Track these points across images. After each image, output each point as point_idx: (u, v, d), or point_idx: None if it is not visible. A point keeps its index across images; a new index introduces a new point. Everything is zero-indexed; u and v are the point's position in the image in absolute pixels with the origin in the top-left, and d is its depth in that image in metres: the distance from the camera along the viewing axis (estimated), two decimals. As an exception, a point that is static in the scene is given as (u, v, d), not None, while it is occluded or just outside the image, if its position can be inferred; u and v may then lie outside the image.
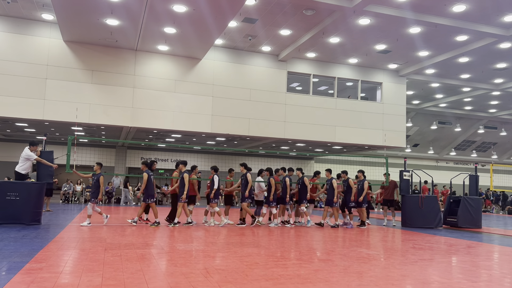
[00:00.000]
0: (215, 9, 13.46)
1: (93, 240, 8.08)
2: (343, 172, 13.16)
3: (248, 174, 12.11)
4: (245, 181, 12.05)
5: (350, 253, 7.51)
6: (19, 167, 10.70)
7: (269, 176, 12.31)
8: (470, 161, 38.93)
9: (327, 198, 12.65)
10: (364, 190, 12.68)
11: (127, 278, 4.97)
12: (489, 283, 5.35)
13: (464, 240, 10.28)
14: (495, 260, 7.36)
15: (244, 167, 12.31)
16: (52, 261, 5.87)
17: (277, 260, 6.51)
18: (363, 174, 13.19)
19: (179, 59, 18.69)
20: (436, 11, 14.63)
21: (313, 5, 14.23)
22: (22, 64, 16.61)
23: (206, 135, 21.15)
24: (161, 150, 30.55)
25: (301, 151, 28.89)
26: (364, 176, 13.13)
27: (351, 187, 12.64)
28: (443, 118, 32.27)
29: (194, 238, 8.94)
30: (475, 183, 14.70)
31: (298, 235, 10.10)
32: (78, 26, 15.63)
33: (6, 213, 10.16)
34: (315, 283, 5.03)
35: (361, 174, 13.20)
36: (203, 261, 6.23)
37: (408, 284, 5.14)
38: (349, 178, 12.84)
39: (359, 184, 12.98)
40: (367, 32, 16.83)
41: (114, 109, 17.61)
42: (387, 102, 22.11)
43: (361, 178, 13.14)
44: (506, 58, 19.31)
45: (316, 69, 20.97)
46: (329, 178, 12.67)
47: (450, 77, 23.00)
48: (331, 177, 12.65)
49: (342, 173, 13.25)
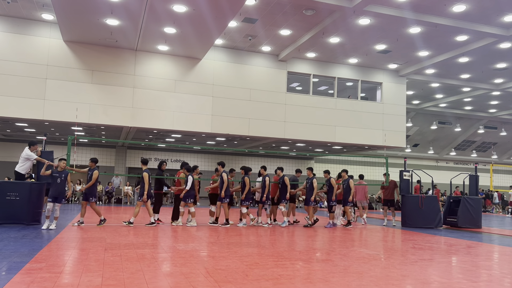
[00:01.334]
0: (215, 9, 13.46)
1: (93, 240, 8.08)
2: (279, 169, 12.85)
3: (224, 173, 11.84)
4: (221, 181, 11.80)
5: (350, 253, 7.51)
6: (19, 167, 10.70)
7: (244, 175, 12.08)
8: (470, 161, 38.92)
9: (306, 197, 12.52)
10: (351, 189, 12.60)
11: (127, 278, 4.97)
12: (489, 283, 5.35)
13: (464, 240, 10.28)
14: (495, 260, 7.35)
15: (222, 166, 12.16)
16: (52, 261, 5.86)
17: (277, 260, 6.51)
18: (347, 174, 13.10)
19: (179, 59, 18.69)
20: (436, 11, 14.63)
21: (313, 5, 14.23)
22: (22, 64, 16.60)
23: (206, 135, 21.15)
24: (161, 150, 30.55)
25: (301, 151, 28.89)
26: (350, 176, 13.11)
27: (332, 186, 12.49)
28: (443, 118, 32.27)
29: (194, 238, 8.94)
30: (475, 183, 14.69)
31: (298, 235, 10.10)
32: (78, 26, 15.63)
33: (6, 213, 10.16)
34: (315, 283, 5.03)
35: (345, 173, 13.11)
36: (203, 261, 6.22)
37: (408, 284, 5.14)
38: (331, 178, 12.62)
39: (344, 184, 12.87)
40: (367, 32, 16.83)
41: (114, 109, 17.61)
42: (387, 102, 22.11)
43: (345, 177, 13.04)
44: (506, 58, 19.31)
45: (316, 69, 20.97)
46: (328, 178, 12.63)
47: (450, 77, 23.00)
48: (330, 177, 12.60)
49: (343, 172, 13.24)
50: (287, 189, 12.37)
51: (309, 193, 12.37)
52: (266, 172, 12.55)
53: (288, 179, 12.48)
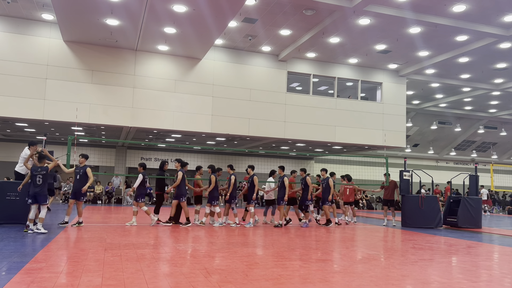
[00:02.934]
0: (215, 9, 13.46)
1: (93, 240, 8.08)
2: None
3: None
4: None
5: (350, 253, 7.51)
6: (19, 167, 10.69)
7: (211, 173, 11.86)
8: (470, 161, 38.92)
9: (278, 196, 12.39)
10: (330, 188, 12.53)
11: (127, 278, 4.97)
12: (489, 283, 5.35)
13: (464, 240, 10.28)
14: (495, 260, 7.35)
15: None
16: (52, 261, 5.86)
17: (277, 260, 6.51)
18: (326, 172, 13.03)
19: (179, 59, 18.69)
20: (436, 11, 14.63)
21: (313, 5, 14.23)
22: (22, 64, 16.60)
23: (206, 135, 21.15)
24: (161, 150, 30.54)
25: (301, 151, 28.89)
26: (332, 175, 13.06)
27: (308, 185, 12.37)
28: (443, 118, 32.26)
29: (194, 238, 8.94)
30: (475, 183, 14.69)
31: (298, 235, 10.09)
32: (78, 26, 15.63)
33: (6, 213, 10.17)
34: (315, 283, 5.03)
35: (324, 172, 13.03)
36: (203, 261, 6.22)
37: (408, 284, 5.13)
38: (307, 176, 12.55)
39: (324, 183, 12.78)
40: (367, 32, 16.82)
41: (114, 109, 17.61)
42: (387, 102, 22.10)
43: (324, 176, 12.97)
44: (506, 58, 19.31)
45: (316, 69, 20.97)
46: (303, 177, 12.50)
47: (450, 77, 22.99)
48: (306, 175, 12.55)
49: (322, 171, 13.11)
50: (254, 189, 12.02)
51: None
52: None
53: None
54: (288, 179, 12.35)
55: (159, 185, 12.23)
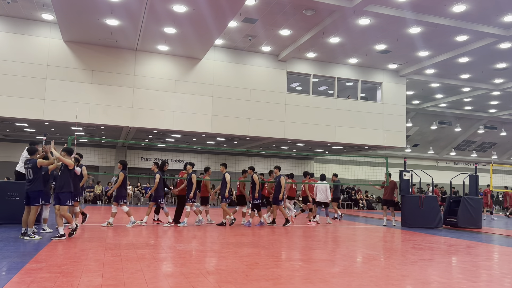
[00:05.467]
0: (215, 9, 13.46)
1: (93, 240, 8.08)
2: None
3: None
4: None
5: (350, 253, 7.51)
6: (20, 167, 10.69)
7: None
8: (470, 161, 38.91)
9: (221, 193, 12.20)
10: (281, 187, 12.24)
11: (127, 278, 4.97)
12: (489, 283, 5.35)
13: (464, 240, 10.28)
14: (495, 260, 7.36)
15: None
16: (52, 261, 5.86)
17: (277, 260, 6.51)
18: (279, 170, 12.84)
19: (179, 59, 18.69)
20: (436, 11, 14.63)
21: (313, 5, 14.22)
22: (22, 64, 16.60)
23: (206, 135, 21.15)
24: (161, 150, 30.53)
25: (301, 151, 28.89)
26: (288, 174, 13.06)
27: (255, 183, 12.10)
28: (443, 118, 32.25)
29: (194, 238, 8.94)
30: (475, 183, 14.68)
31: (298, 236, 10.10)
32: (78, 26, 15.62)
33: (6, 213, 10.17)
34: (315, 283, 5.03)
35: (277, 170, 12.85)
36: (203, 261, 6.23)
37: (408, 284, 5.14)
38: (256, 173, 12.32)
39: (275, 181, 12.54)
40: (367, 32, 16.82)
41: (114, 109, 17.61)
42: (387, 102, 22.10)
43: (277, 174, 12.76)
44: (506, 58, 19.30)
45: (316, 69, 20.97)
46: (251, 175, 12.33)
47: (450, 77, 22.99)
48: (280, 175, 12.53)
49: (275, 169, 12.99)
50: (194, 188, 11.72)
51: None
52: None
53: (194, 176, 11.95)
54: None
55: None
